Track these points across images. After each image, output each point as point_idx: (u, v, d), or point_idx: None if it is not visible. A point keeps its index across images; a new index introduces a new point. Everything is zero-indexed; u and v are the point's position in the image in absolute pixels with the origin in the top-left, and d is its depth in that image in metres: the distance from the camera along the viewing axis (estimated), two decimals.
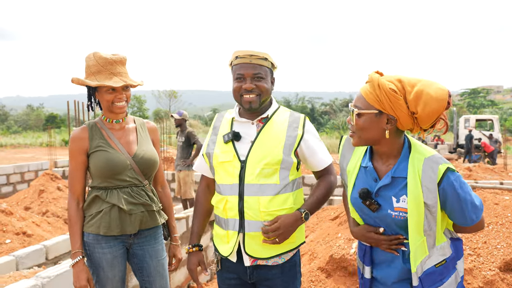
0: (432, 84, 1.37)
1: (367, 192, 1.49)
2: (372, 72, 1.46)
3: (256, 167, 1.78)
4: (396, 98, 1.37)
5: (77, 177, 2.07)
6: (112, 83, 2.00)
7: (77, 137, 2.07)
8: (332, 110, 47.23)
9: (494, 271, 2.72)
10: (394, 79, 1.40)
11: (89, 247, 2.05)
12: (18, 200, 7.70)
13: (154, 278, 2.17)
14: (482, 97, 51.34)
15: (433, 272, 1.44)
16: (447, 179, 1.39)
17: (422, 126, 1.41)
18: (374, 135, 1.44)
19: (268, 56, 1.86)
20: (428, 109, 1.35)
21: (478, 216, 1.47)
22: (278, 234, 1.72)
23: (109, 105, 2.06)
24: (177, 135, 7.07)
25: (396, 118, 1.40)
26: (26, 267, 4.29)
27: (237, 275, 1.89)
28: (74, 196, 2.07)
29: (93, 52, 2.05)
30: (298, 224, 1.78)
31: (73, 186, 2.07)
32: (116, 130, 2.15)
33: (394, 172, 1.46)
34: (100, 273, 2.06)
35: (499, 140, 17.63)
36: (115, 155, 2.05)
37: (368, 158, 1.53)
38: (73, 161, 2.07)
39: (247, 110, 1.87)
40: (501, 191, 3.91)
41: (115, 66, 2.04)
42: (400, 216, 1.45)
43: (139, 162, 2.11)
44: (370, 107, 1.42)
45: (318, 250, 3.52)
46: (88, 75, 2.04)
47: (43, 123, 44.82)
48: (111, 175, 2.04)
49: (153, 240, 2.19)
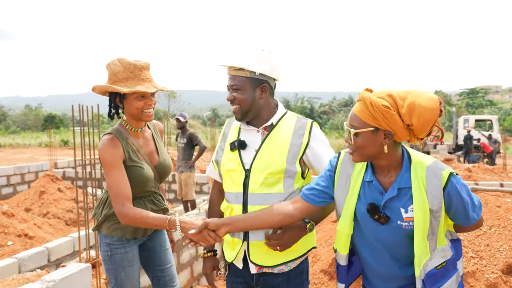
0: (422, 95, 1.40)
1: (375, 207, 1.50)
2: (362, 90, 1.48)
3: (259, 176, 1.77)
4: (390, 114, 1.39)
5: (126, 183, 1.96)
6: (144, 88, 1.95)
7: (114, 146, 1.97)
8: (331, 110, 47.25)
9: (496, 273, 2.74)
10: (385, 94, 1.43)
11: (111, 248, 2.09)
12: (18, 202, 7.70)
13: (165, 266, 2.29)
14: (481, 97, 51.38)
15: (434, 274, 1.47)
16: (451, 183, 1.44)
17: (419, 136, 1.44)
18: (374, 151, 1.47)
19: (247, 65, 1.77)
20: (423, 120, 1.38)
21: (479, 215, 1.53)
22: (280, 244, 1.71)
23: (139, 112, 2.00)
24: (177, 137, 7.06)
25: (393, 133, 1.43)
26: (29, 270, 4.29)
27: (244, 280, 1.90)
28: (127, 202, 1.92)
29: (118, 59, 2.00)
30: (302, 235, 1.77)
31: (123, 194, 1.92)
32: (139, 138, 2.13)
33: (399, 183, 1.48)
34: (121, 274, 2.10)
35: (498, 140, 17.65)
36: (148, 171, 2.08)
37: (370, 172, 1.55)
38: (117, 170, 1.95)
39: (237, 121, 1.88)
40: (503, 194, 3.92)
41: (144, 71, 2.00)
42: (410, 226, 1.47)
43: (161, 172, 2.18)
44: (366, 125, 1.44)
45: (320, 252, 3.53)
46: (115, 82, 1.97)
47: (41, 123, 44.75)
48: (140, 188, 2.08)
49: (160, 231, 2.31)
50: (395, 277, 1.55)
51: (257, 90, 1.81)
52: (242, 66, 1.77)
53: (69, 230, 6.51)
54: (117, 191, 1.93)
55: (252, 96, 1.80)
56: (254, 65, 1.78)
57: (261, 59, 1.80)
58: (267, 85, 1.83)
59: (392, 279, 1.56)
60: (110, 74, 1.99)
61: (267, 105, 1.86)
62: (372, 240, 1.56)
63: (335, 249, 1.68)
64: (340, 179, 1.62)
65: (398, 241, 1.52)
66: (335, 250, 1.69)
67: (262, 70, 1.79)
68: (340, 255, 1.64)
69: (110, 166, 1.95)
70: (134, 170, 2.02)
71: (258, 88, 1.81)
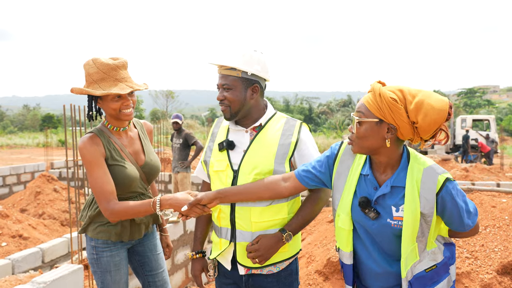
0: (432, 95, 1.40)
1: (367, 201, 1.49)
2: (374, 82, 1.48)
3: (247, 177, 1.76)
4: (396, 107, 1.38)
5: (109, 180, 1.92)
6: (118, 90, 1.90)
7: (93, 143, 1.94)
8: (329, 110, 47.26)
9: (491, 274, 2.72)
10: (396, 88, 1.43)
11: (97, 251, 2.05)
12: (14, 202, 7.67)
13: (156, 271, 2.24)
14: (479, 97, 51.48)
15: (422, 277, 1.46)
16: (446, 188, 1.42)
17: (423, 136, 1.42)
18: (374, 144, 1.45)
19: (239, 65, 1.75)
20: (429, 119, 1.37)
21: (474, 222, 1.51)
22: (258, 255, 1.72)
23: (117, 113, 1.97)
24: (172, 137, 7.05)
25: (396, 127, 1.42)
26: (22, 271, 4.26)
27: (233, 281, 1.89)
28: (111, 197, 1.90)
29: (93, 59, 1.95)
30: (279, 246, 1.75)
31: (106, 190, 1.90)
32: (123, 138, 2.10)
33: (393, 181, 1.47)
34: (107, 277, 2.06)
35: (496, 140, 17.68)
36: (131, 170, 2.03)
37: (368, 166, 1.54)
38: (98, 167, 1.92)
39: (226, 120, 1.85)
40: (498, 194, 3.91)
41: (118, 71, 1.95)
42: (398, 225, 1.46)
43: (147, 172, 2.14)
44: (371, 116, 1.43)
45: (315, 253, 3.51)
46: (90, 83, 1.94)
47: (39, 123, 44.64)
48: (124, 188, 2.04)
49: (151, 236, 2.26)
50: (384, 274, 1.53)
51: (248, 90, 1.80)
52: (234, 65, 1.75)
53: (65, 231, 6.49)
54: (100, 188, 1.90)
55: (243, 96, 1.79)
56: (246, 65, 1.77)
57: (253, 59, 1.78)
58: (258, 85, 1.81)
59: (382, 277, 1.54)
60: (86, 75, 1.96)
61: (257, 106, 1.85)
62: (362, 234, 1.55)
63: (338, 248, 1.64)
64: (339, 168, 1.62)
65: (387, 238, 1.50)
66: (337, 250, 1.65)
67: (254, 71, 1.78)
68: (343, 253, 1.60)
69: (91, 164, 1.92)
70: (116, 170, 1.99)
71: (249, 89, 1.80)
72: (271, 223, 1.77)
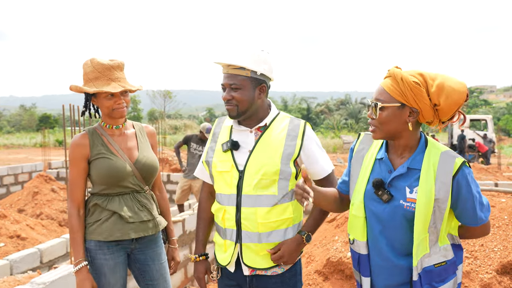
0: (451, 78, 1.44)
1: (381, 182, 1.51)
2: (393, 67, 1.50)
3: (254, 178, 1.75)
4: (419, 91, 1.41)
5: (79, 184, 2.05)
6: (110, 88, 1.98)
7: (78, 143, 2.04)
8: (327, 109, 47.28)
9: (491, 274, 2.73)
10: (415, 73, 1.45)
11: (91, 253, 2.04)
12: (11, 202, 7.64)
13: (157, 281, 2.19)
14: (476, 97, 51.65)
15: (431, 271, 1.45)
16: (462, 172, 1.43)
17: (442, 118, 1.46)
18: (396, 128, 1.48)
19: (249, 64, 1.74)
20: (450, 101, 1.41)
21: (487, 216, 1.51)
22: (284, 261, 1.76)
23: (109, 111, 2.04)
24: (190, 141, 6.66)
25: (418, 111, 1.45)
26: (20, 271, 4.24)
27: (237, 283, 1.88)
28: (75, 204, 2.04)
29: (90, 59, 2.04)
30: (301, 248, 1.80)
31: (74, 193, 2.04)
32: (117, 136, 2.13)
33: (410, 163, 1.49)
34: (102, 280, 2.04)
35: (493, 140, 17.73)
36: (117, 162, 2.04)
37: (384, 150, 1.57)
38: (75, 168, 2.04)
39: (231, 118, 1.83)
40: (497, 194, 3.92)
41: (113, 71, 2.03)
42: (411, 207, 1.46)
43: (141, 169, 2.11)
44: (393, 101, 1.45)
45: (315, 253, 3.51)
46: (86, 81, 2.03)
47: (36, 123, 44.49)
48: (113, 182, 2.03)
49: (153, 244, 2.19)
50: (390, 268, 1.51)
51: (256, 90, 1.79)
52: (244, 65, 1.74)
53: (63, 231, 6.46)
54: (71, 189, 2.05)
55: (252, 95, 1.78)
56: (256, 64, 1.76)
57: (261, 59, 1.78)
58: (265, 85, 1.81)
59: (387, 270, 1.52)
60: (83, 74, 2.05)
61: (263, 106, 1.85)
62: (372, 222, 1.54)
63: (352, 240, 1.61)
64: (356, 157, 1.65)
65: (397, 223, 1.49)
66: (352, 242, 1.62)
67: (263, 70, 1.78)
68: (359, 243, 1.58)
69: (71, 163, 2.06)
70: (102, 161, 2.02)
71: (257, 88, 1.79)
72: (277, 223, 1.76)
